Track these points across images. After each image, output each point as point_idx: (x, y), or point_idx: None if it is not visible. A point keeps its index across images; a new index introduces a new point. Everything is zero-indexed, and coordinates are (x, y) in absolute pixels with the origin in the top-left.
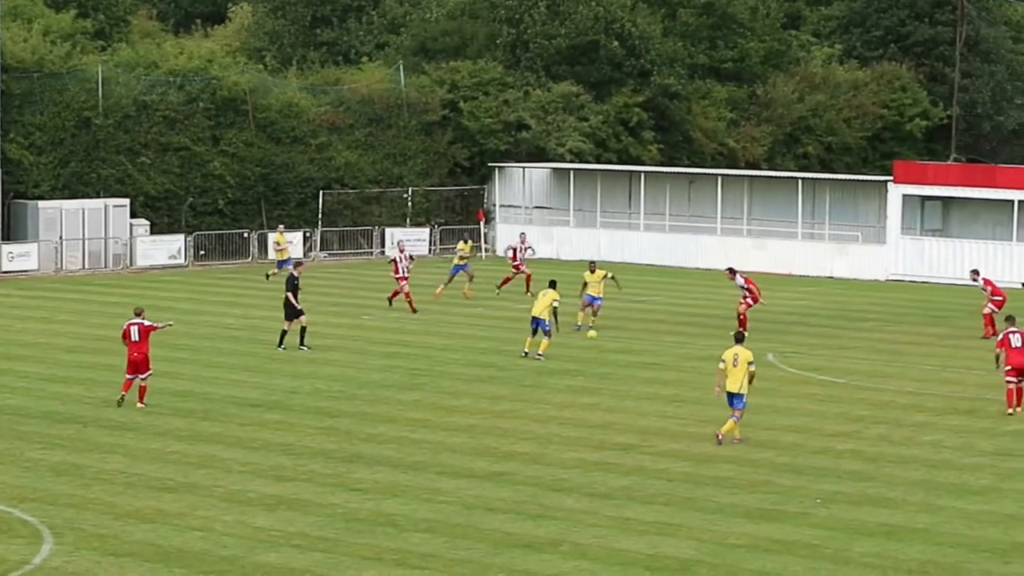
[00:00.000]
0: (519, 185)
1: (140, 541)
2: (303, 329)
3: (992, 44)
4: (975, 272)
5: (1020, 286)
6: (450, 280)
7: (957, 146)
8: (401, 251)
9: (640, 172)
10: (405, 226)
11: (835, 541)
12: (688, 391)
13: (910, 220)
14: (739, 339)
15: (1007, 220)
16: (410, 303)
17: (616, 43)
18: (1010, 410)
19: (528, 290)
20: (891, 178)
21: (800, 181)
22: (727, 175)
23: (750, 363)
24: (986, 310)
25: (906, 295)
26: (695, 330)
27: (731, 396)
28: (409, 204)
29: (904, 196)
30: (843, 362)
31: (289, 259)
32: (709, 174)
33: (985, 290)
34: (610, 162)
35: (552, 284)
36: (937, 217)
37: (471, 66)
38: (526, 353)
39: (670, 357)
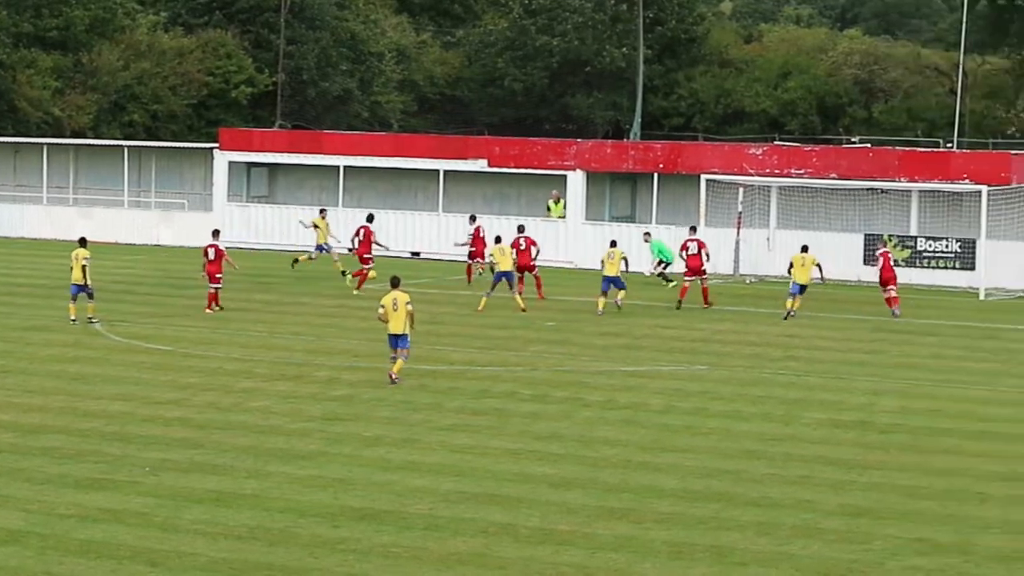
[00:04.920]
0: None
1: None
2: None
3: (317, 11)
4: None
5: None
6: None
7: (283, 112)
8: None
9: None
10: None
11: (164, 509)
12: (14, 361)
13: (237, 187)
14: (395, 283)
15: (333, 186)
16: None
17: None
18: None
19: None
20: (217, 145)
21: (126, 149)
22: (53, 144)
23: (408, 303)
24: None
25: (240, 261)
26: (22, 300)
27: (396, 337)
28: None
29: (230, 163)
30: (171, 330)
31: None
32: (34, 143)
33: None
34: None
35: None
36: (264, 183)
37: None
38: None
39: None
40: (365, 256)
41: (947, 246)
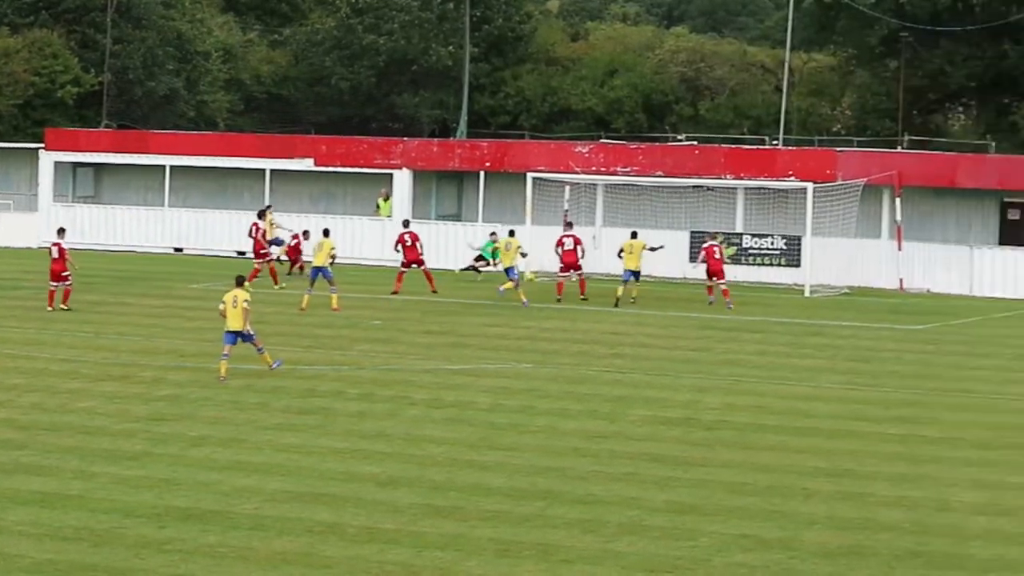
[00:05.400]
0: None
1: None
2: None
3: (144, 10)
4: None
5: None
6: None
7: (109, 112)
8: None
9: None
10: None
11: None
12: None
13: (62, 187)
14: (239, 282)
15: (159, 186)
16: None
17: None
18: None
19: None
20: (43, 145)
21: None
22: None
23: (245, 301)
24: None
25: None
26: None
27: (233, 334)
28: None
29: (56, 163)
30: None
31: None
32: None
33: None
34: None
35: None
36: (89, 184)
37: None
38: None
39: None
40: (261, 252)
41: (772, 243)
